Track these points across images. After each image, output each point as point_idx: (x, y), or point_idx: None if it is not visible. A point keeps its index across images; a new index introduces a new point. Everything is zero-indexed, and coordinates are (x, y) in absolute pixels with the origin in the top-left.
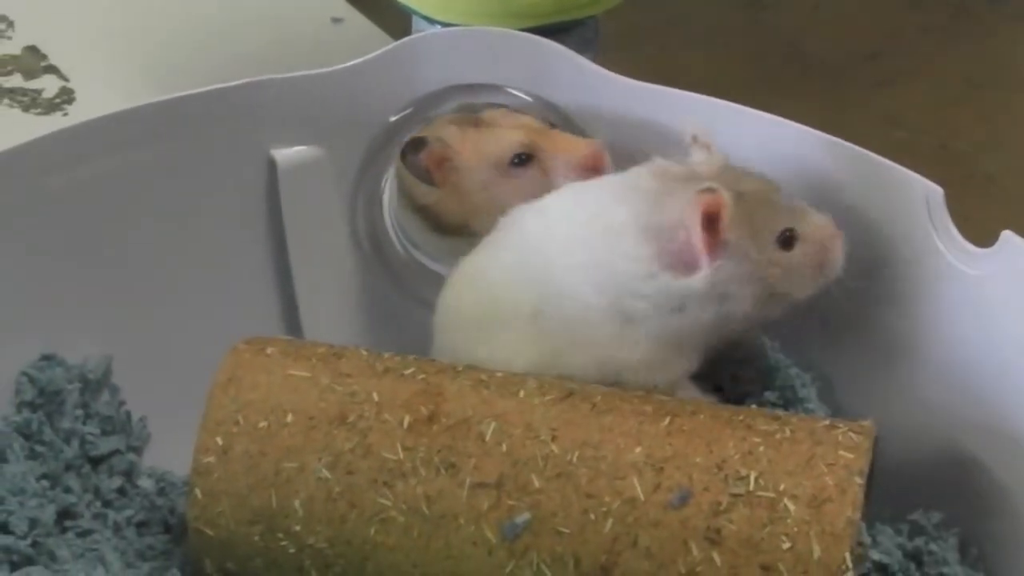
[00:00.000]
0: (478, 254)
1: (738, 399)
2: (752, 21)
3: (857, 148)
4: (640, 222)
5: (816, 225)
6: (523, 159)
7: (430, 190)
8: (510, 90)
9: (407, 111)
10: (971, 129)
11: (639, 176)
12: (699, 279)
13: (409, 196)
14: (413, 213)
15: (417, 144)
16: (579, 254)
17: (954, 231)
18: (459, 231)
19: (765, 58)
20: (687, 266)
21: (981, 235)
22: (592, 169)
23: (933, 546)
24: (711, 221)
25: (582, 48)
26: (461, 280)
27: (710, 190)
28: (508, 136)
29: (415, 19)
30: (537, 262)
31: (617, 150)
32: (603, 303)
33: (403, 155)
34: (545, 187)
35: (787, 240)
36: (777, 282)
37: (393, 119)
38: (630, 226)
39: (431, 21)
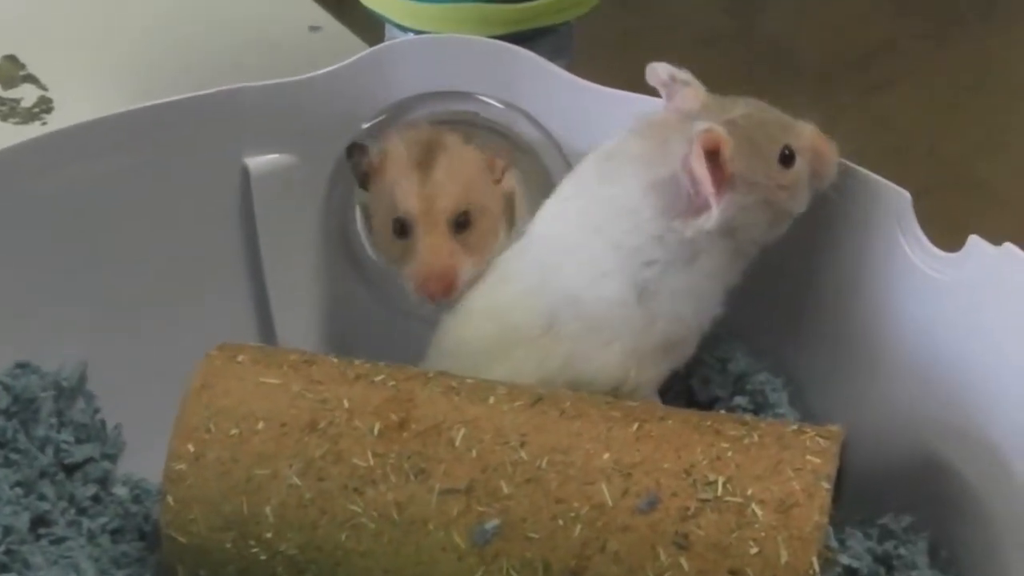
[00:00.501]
0: (486, 287)
1: (709, 403)
2: (743, 26)
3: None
4: (642, 184)
5: (806, 134)
6: (399, 229)
7: (363, 192)
8: (481, 97)
9: (379, 118)
10: (961, 134)
11: (627, 143)
12: (712, 218)
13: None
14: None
15: (360, 150)
16: (587, 246)
17: (922, 236)
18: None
19: (756, 63)
20: (697, 210)
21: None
22: (429, 291)
23: (903, 550)
24: (713, 158)
25: (554, 55)
26: (472, 311)
27: (706, 129)
28: (408, 199)
29: (388, 27)
30: (546, 273)
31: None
32: (616, 287)
33: (348, 152)
34: (407, 274)
35: (788, 157)
36: (784, 201)
37: (365, 126)
38: (632, 193)
39: (403, 28)
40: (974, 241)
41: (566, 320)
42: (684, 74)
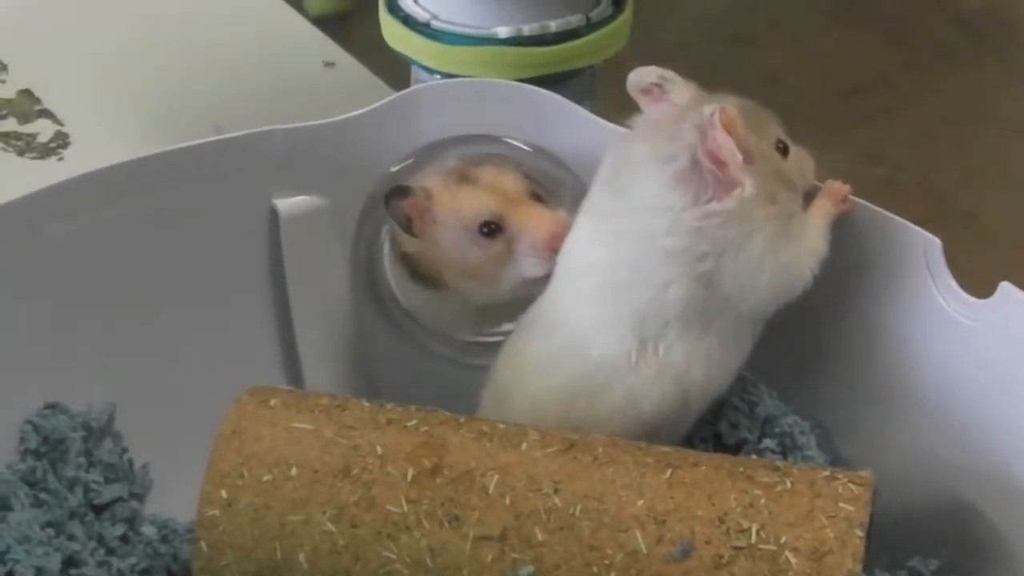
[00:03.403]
0: (537, 335)
1: (736, 447)
2: (735, 56)
3: (856, 199)
4: (665, 180)
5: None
6: (491, 230)
7: (410, 239)
8: (510, 141)
9: (408, 161)
10: (951, 166)
11: (629, 151)
12: (748, 187)
13: (394, 243)
14: (398, 262)
15: (401, 192)
16: (637, 262)
17: (952, 282)
18: (434, 283)
19: (748, 93)
20: (728, 187)
21: (961, 272)
22: (554, 251)
23: None
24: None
25: (581, 98)
26: (529, 359)
27: (720, 108)
28: (481, 201)
29: (414, 69)
30: (609, 302)
31: None
32: (684, 287)
33: (387, 200)
34: (511, 268)
35: (784, 149)
36: (791, 175)
37: (394, 169)
38: (659, 191)
39: (431, 71)
40: (1005, 288)
41: (653, 338)
42: (670, 73)
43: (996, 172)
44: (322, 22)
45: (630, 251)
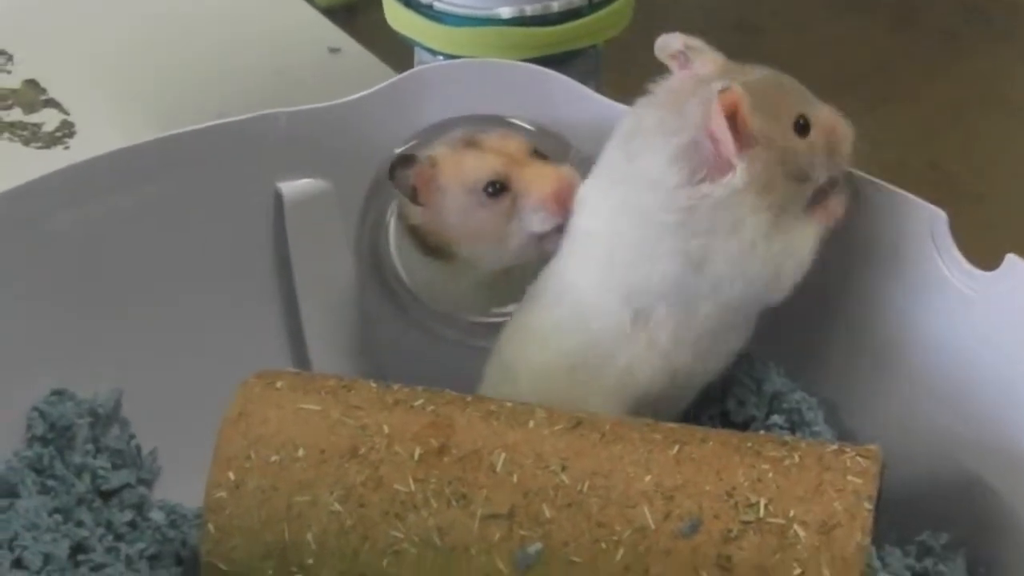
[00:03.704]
0: (541, 306)
1: (744, 424)
2: (743, 44)
3: (861, 173)
4: (666, 155)
5: (824, 112)
6: (496, 189)
7: (416, 210)
8: (514, 121)
9: (412, 143)
10: (960, 151)
11: (644, 116)
12: (739, 175)
13: (401, 213)
14: (405, 237)
15: (406, 161)
16: (636, 232)
17: (957, 254)
18: (442, 254)
19: None
20: (722, 170)
21: (971, 255)
22: (564, 205)
23: (942, 567)
24: (731, 117)
25: (584, 78)
26: (536, 330)
27: (724, 88)
28: (485, 162)
29: (418, 51)
30: (611, 269)
31: None
32: (675, 262)
33: (392, 171)
34: (517, 225)
35: (803, 127)
36: (805, 166)
37: (398, 151)
38: (658, 165)
39: (434, 53)
40: (1011, 260)
41: (644, 311)
42: (697, 42)
43: (1005, 156)
44: (331, 12)
45: (629, 222)
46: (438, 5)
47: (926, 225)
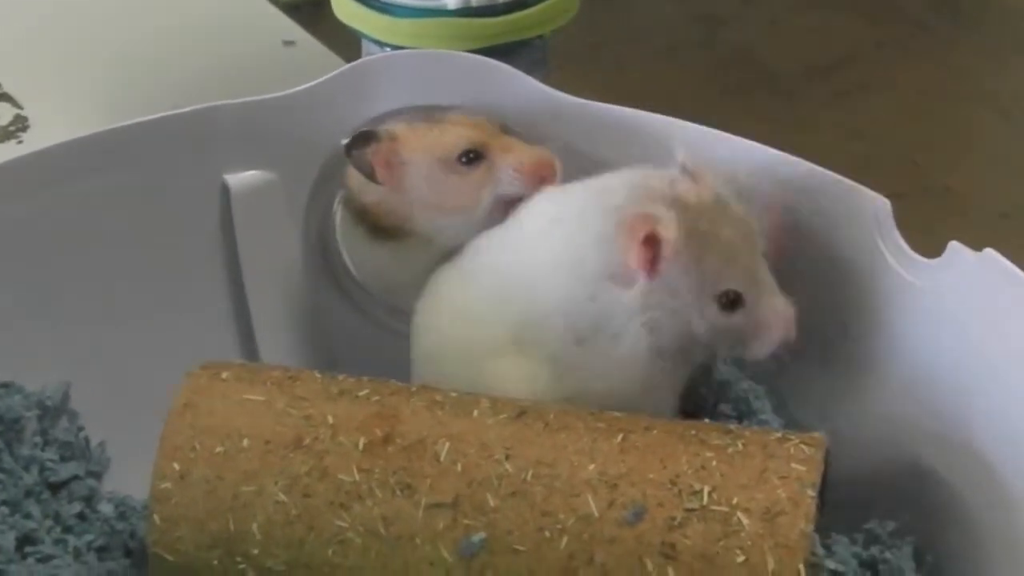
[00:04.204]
0: (452, 277)
1: (692, 413)
2: (710, 36)
3: (804, 162)
4: (597, 232)
5: (770, 306)
6: (472, 157)
7: (372, 188)
8: (460, 111)
9: None
10: (930, 142)
11: (614, 188)
12: (633, 293)
13: (350, 199)
14: (354, 221)
15: (366, 137)
16: (552, 275)
17: (902, 243)
18: (396, 233)
19: (724, 73)
20: (625, 280)
21: (941, 247)
22: (541, 178)
23: (888, 555)
24: (654, 244)
25: (531, 68)
26: (439, 305)
27: (646, 216)
28: (459, 132)
29: (364, 42)
30: (514, 285)
31: (568, 170)
32: (562, 327)
33: (348, 149)
34: (491, 190)
35: (729, 303)
36: (700, 335)
37: (344, 142)
38: (588, 238)
39: (380, 44)
40: (954, 247)
41: (529, 341)
42: (697, 168)
43: (974, 147)
44: (296, 8)
45: (553, 261)
46: None
47: (870, 213)
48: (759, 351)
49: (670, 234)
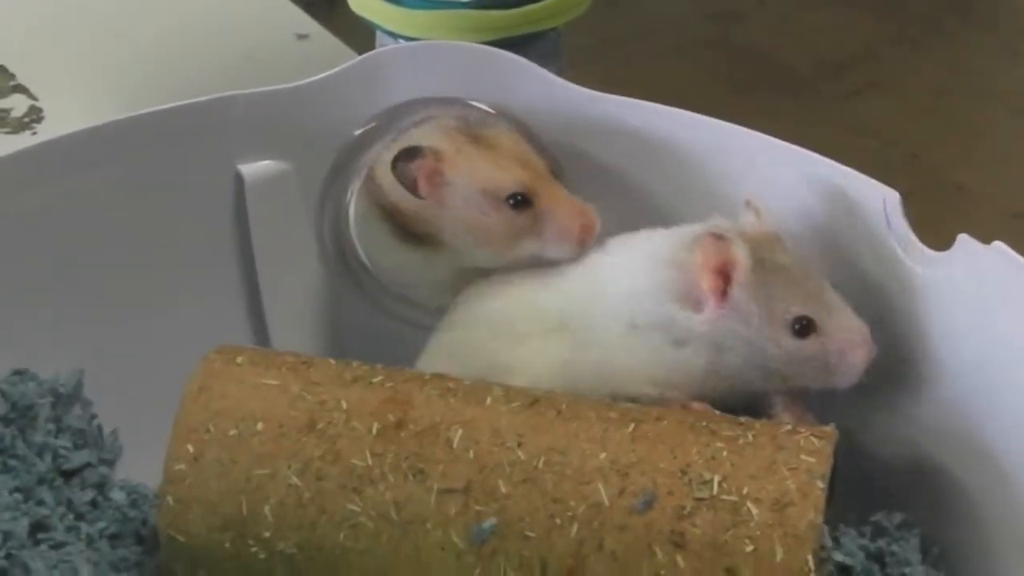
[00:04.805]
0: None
1: None
2: (722, 33)
3: (813, 154)
4: (668, 255)
5: (843, 326)
6: (519, 202)
7: (409, 194)
8: (474, 103)
9: (371, 124)
10: (941, 139)
11: (691, 227)
12: (701, 320)
13: (378, 196)
14: (379, 217)
15: (412, 153)
16: (621, 280)
17: (912, 236)
18: (426, 240)
19: (735, 70)
20: (694, 303)
21: (951, 244)
22: (583, 242)
23: (895, 547)
24: (725, 272)
25: (544, 61)
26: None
27: (720, 237)
28: (512, 171)
29: (378, 34)
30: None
31: (581, 162)
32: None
33: (394, 163)
34: (532, 243)
35: (802, 329)
36: (778, 364)
37: (358, 132)
38: (661, 257)
39: (393, 35)
40: (963, 240)
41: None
42: (759, 203)
43: (985, 144)
44: (309, 2)
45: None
46: None
47: (880, 204)
48: (846, 380)
49: (744, 258)
